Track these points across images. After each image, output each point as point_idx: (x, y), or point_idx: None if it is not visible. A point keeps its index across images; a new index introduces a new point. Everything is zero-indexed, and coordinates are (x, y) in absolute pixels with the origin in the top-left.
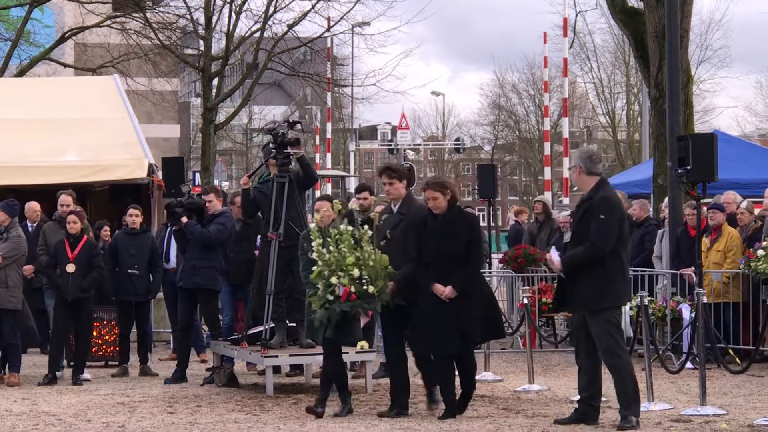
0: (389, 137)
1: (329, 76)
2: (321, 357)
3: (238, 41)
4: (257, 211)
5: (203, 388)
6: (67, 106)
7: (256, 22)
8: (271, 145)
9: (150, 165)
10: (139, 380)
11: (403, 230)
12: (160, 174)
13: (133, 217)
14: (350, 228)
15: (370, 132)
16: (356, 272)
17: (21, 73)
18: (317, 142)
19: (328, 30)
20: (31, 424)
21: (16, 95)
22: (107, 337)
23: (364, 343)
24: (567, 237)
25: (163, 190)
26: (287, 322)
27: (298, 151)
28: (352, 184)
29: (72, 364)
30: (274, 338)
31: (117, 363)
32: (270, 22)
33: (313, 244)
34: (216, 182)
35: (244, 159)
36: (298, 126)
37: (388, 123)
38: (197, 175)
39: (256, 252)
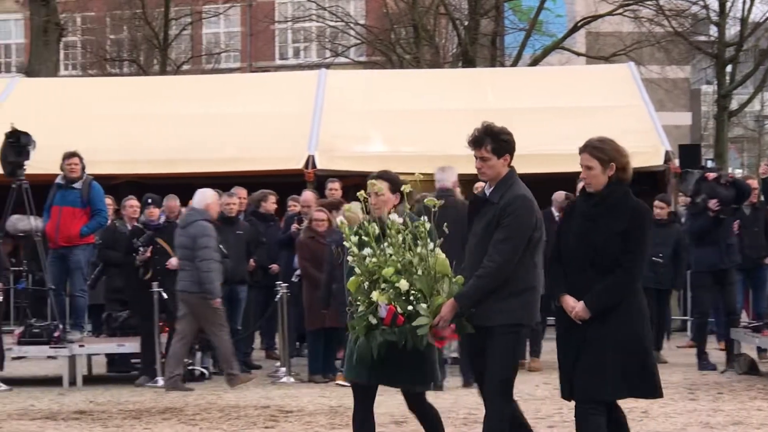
0: None
1: None
2: None
3: (752, 27)
4: None
5: (724, 375)
6: (582, 94)
7: None
8: None
9: (666, 152)
10: None
11: (486, 224)
12: (676, 161)
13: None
14: (399, 220)
15: None
16: (403, 285)
17: (534, 62)
18: None
19: None
20: (554, 409)
21: (531, 84)
22: None
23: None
24: None
25: (679, 177)
26: None
27: None
28: None
29: None
30: None
31: None
32: None
33: (346, 243)
34: (729, 170)
35: (757, 146)
36: None
37: None
38: (710, 162)
39: None
